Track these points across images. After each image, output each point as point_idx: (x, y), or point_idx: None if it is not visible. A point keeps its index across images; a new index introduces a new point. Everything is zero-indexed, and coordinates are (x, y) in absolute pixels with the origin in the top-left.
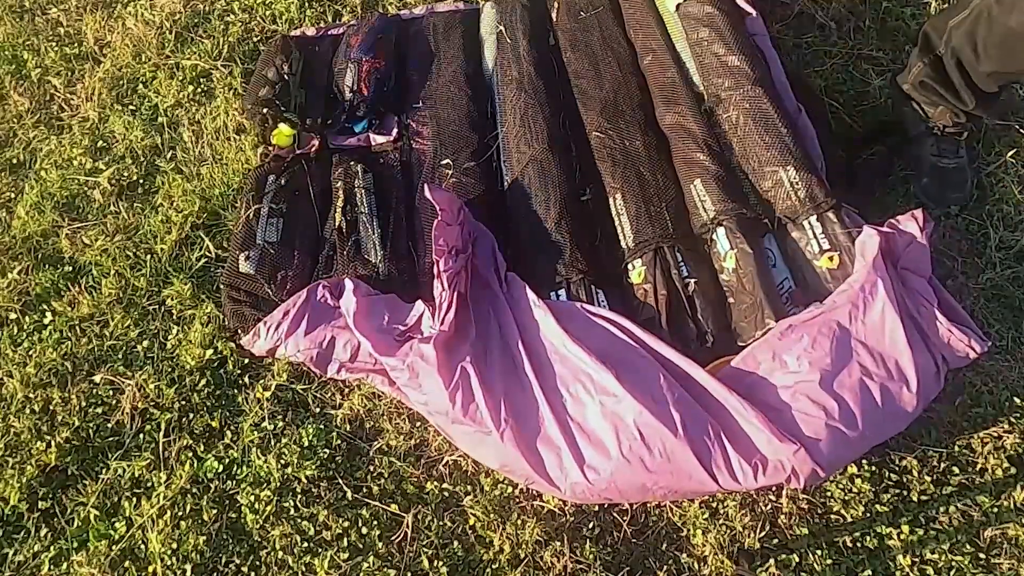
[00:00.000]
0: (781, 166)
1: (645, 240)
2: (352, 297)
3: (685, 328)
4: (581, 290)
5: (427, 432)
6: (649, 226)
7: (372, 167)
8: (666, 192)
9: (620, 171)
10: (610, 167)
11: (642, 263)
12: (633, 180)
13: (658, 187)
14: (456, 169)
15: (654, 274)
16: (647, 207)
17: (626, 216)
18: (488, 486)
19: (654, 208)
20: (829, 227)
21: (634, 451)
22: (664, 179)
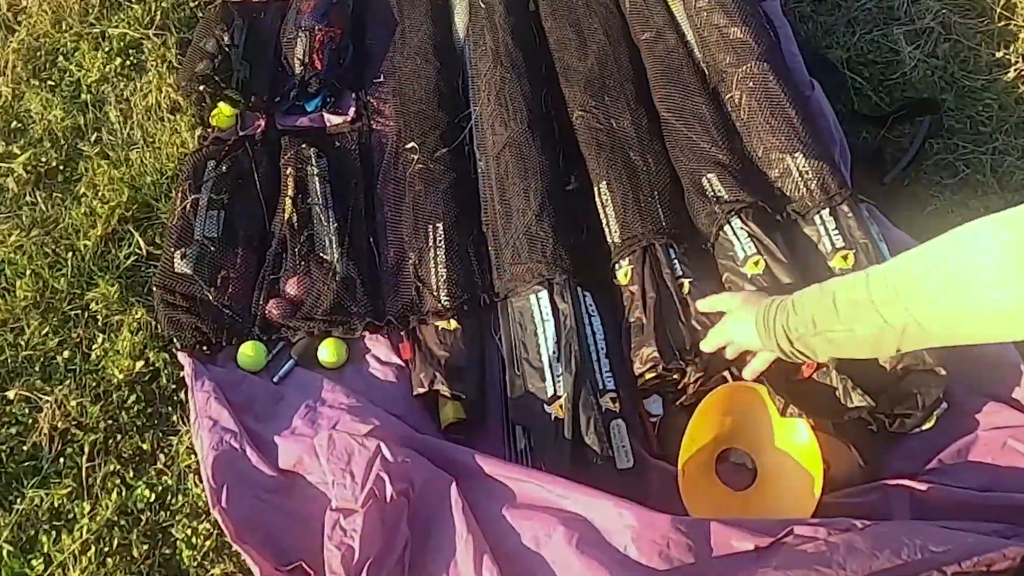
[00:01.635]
0: (788, 153)
1: (633, 236)
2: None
3: (676, 334)
4: (566, 292)
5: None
6: (638, 219)
7: (327, 151)
8: (658, 179)
9: (605, 156)
10: (594, 151)
11: (628, 262)
12: (619, 166)
13: (649, 174)
14: (423, 154)
15: (642, 274)
16: (635, 197)
17: (611, 208)
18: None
19: (643, 198)
20: (844, 222)
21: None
22: (656, 165)
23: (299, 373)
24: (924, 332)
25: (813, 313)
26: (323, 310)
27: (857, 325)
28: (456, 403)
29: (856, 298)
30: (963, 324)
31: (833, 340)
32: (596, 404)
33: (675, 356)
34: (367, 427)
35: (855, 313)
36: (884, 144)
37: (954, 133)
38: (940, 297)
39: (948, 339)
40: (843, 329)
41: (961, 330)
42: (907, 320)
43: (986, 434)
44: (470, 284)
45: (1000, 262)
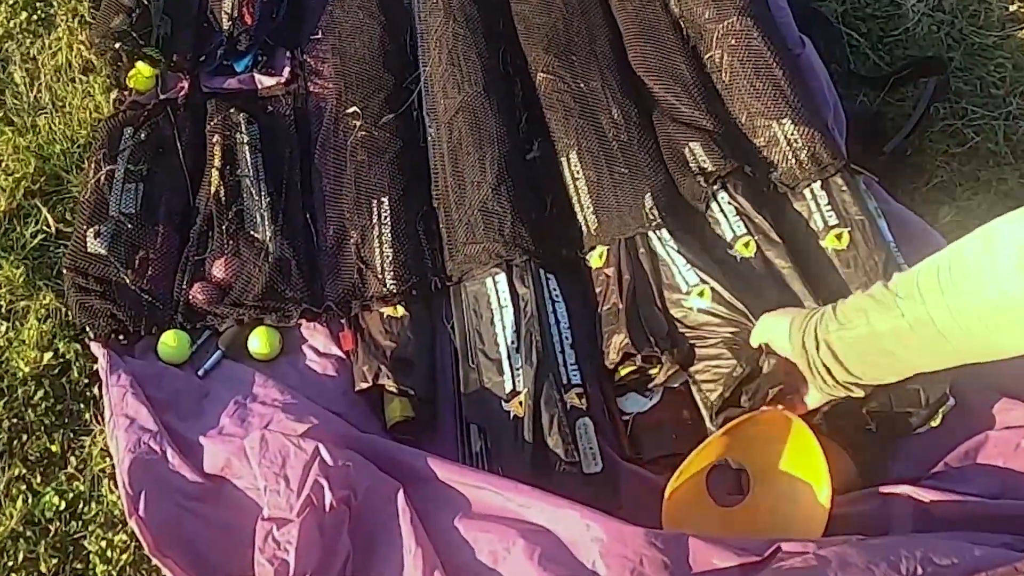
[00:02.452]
0: (775, 119)
1: (608, 216)
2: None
3: (652, 320)
4: (527, 275)
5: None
6: (615, 204)
7: (258, 117)
8: (637, 149)
9: (574, 122)
10: (561, 117)
11: (604, 244)
12: (590, 135)
13: (625, 143)
14: (366, 120)
15: (618, 255)
16: (611, 173)
17: (584, 182)
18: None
19: (619, 173)
20: (837, 196)
21: None
22: (633, 131)
23: (227, 366)
24: (939, 333)
25: (844, 309)
26: (254, 295)
27: (875, 315)
28: (403, 399)
29: (881, 291)
30: (979, 322)
31: (853, 340)
32: (560, 400)
33: (649, 344)
34: (304, 426)
35: (876, 304)
36: (884, 109)
37: (962, 96)
38: (958, 289)
39: (964, 340)
40: (863, 324)
41: (978, 330)
42: (922, 314)
43: (998, 434)
44: (419, 266)
45: (1019, 249)
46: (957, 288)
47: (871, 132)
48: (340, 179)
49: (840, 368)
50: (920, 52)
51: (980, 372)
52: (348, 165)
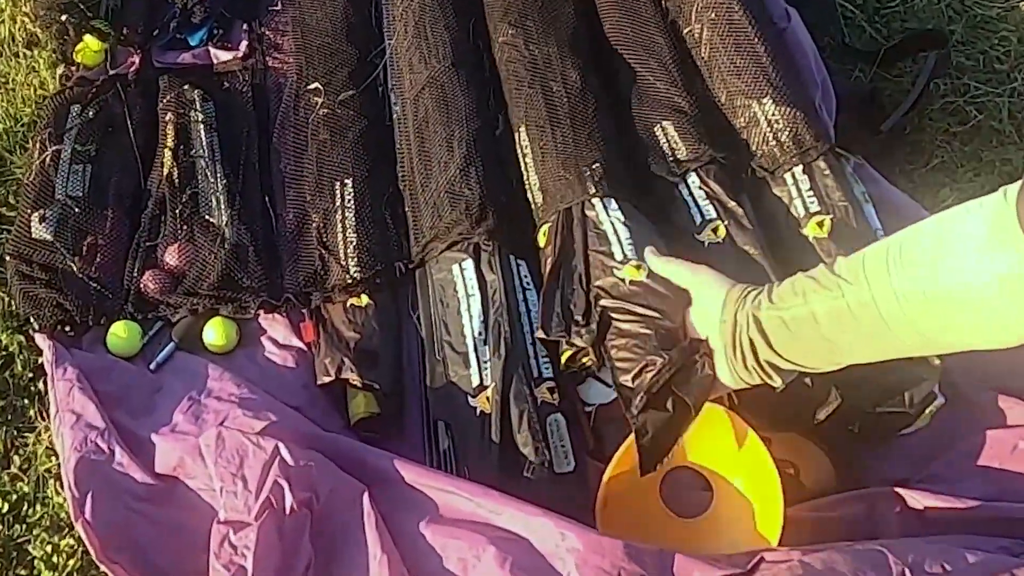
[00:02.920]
0: (755, 98)
1: (552, 190)
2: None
3: (567, 300)
4: (495, 260)
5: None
6: (557, 171)
7: (214, 94)
8: (584, 112)
9: (525, 93)
10: (514, 89)
11: (548, 222)
12: (539, 104)
13: (572, 107)
14: (328, 96)
15: (556, 231)
16: (557, 141)
17: (531, 157)
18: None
19: (561, 139)
20: (820, 181)
21: None
22: (580, 95)
23: (181, 359)
24: (881, 319)
25: (781, 291)
26: (209, 283)
27: (813, 297)
28: (368, 394)
29: (823, 272)
30: (927, 311)
31: (789, 320)
32: (530, 395)
33: (561, 324)
34: (262, 423)
35: (816, 286)
36: (880, 85)
37: (964, 71)
38: (907, 273)
39: (907, 330)
40: (799, 305)
41: (924, 319)
42: (865, 298)
43: (994, 434)
44: (385, 252)
45: (990, 227)
46: (908, 273)
47: (866, 110)
48: (301, 160)
49: (766, 348)
50: (919, 24)
51: (975, 368)
52: (309, 145)
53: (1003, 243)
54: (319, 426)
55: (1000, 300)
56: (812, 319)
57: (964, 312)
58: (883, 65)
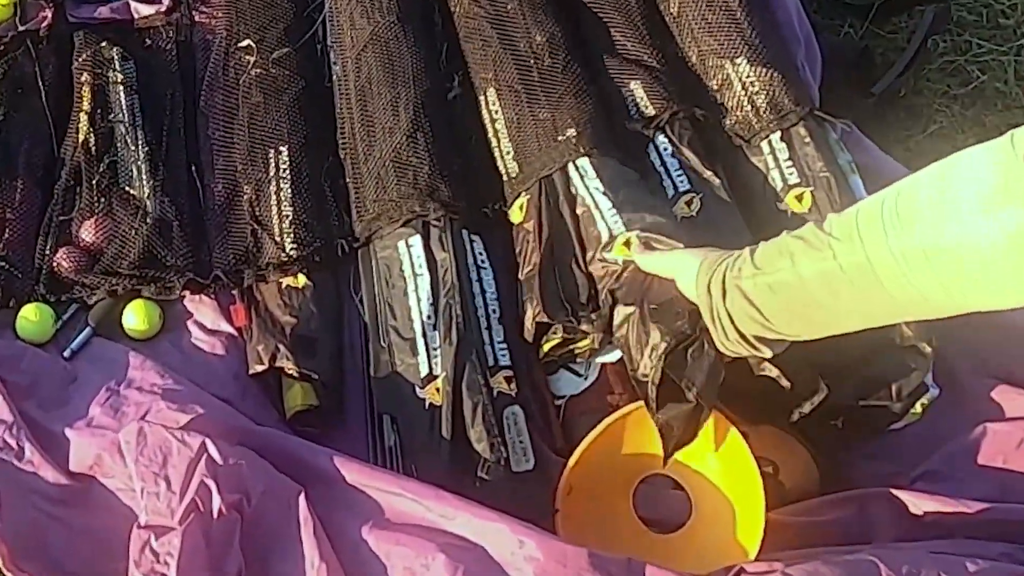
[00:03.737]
0: (728, 58)
1: (529, 159)
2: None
3: (568, 282)
4: (446, 236)
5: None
6: (536, 142)
7: (134, 52)
8: (561, 77)
9: (492, 52)
10: (478, 48)
11: (526, 193)
12: (509, 66)
13: (548, 71)
14: (261, 55)
15: (539, 205)
16: (532, 105)
17: (503, 123)
18: None
19: (542, 107)
20: (800, 150)
21: None
22: (559, 54)
23: (98, 345)
24: (877, 280)
25: (764, 252)
26: (129, 262)
27: (802, 259)
28: (306, 385)
29: (812, 231)
30: (927, 270)
31: (775, 285)
32: (484, 386)
33: (565, 310)
34: (188, 417)
35: (805, 247)
36: (873, 43)
37: (965, 27)
38: (906, 230)
39: (905, 291)
40: (786, 268)
41: (925, 280)
42: (859, 259)
43: (995, 428)
44: (324, 227)
45: (997, 179)
46: (906, 231)
47: (857, 70)
48: (231, 125)
49: (749, 320)
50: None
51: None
52: (240, 108)
53: (1012, 197)
54: (251, 420)
55: (1008, 259)
56: (800, 283)
57: (969, 272)
58: (876, 20)
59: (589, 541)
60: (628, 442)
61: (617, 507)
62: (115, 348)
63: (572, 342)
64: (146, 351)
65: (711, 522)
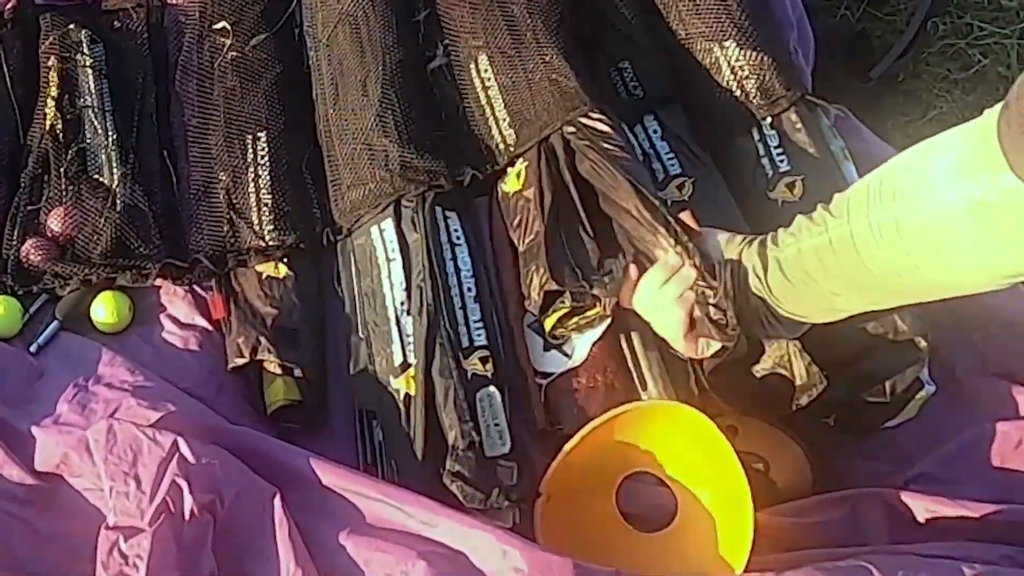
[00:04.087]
0: (716, 41)
1: (527, 123)
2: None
3: (577, 248)
4: (418, 217)
5: None
6: (530, 96)
7: (104, 35)
8: (557, 43)
9: (482, 16)
10: (467, 12)
11: (523, 159)
12: (501, 29)
13: (541, 35)
14: (237, 38)
15: (539, 171)
16: (527, 68)
17: (496, 90)
18: None
19: (538, 65)
20: (791, 136)
21: None
22: (553, 22)
23: (66, 339)
24: (856, 252)
25: (782, 232)
26: (100, 251)
27: (804, 234)
28: (288, 379)
29: (819, 211)
30: (898, 242)
31: (783, 262)
32: (456, 368)
33: (575, 275)
34: (159, 414)
35: (808, 224)
36: (870, 25)
37: (966, 9)
38: (885, 204)
39: (880, 264)
40: (792, 245)
41: (896, 254)
42: (844, 232)
43: (996, 426)
44: (305, 215)
45: (967, 152)
46: (885, 203)
47: (853, 54)
48: (206, 110)
49: (762, 290)
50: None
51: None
52: (216, 93)
53: (978, 165)
54: (225, 418)
55: (975, 231)
56: (799, 257)
57: (937, 245)
58: (873, 2)
59: (571, 541)
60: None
61: (600, 506)
62: (83, 342)
63: (581, 311)
64: (116, 346)
65: (697, 522)
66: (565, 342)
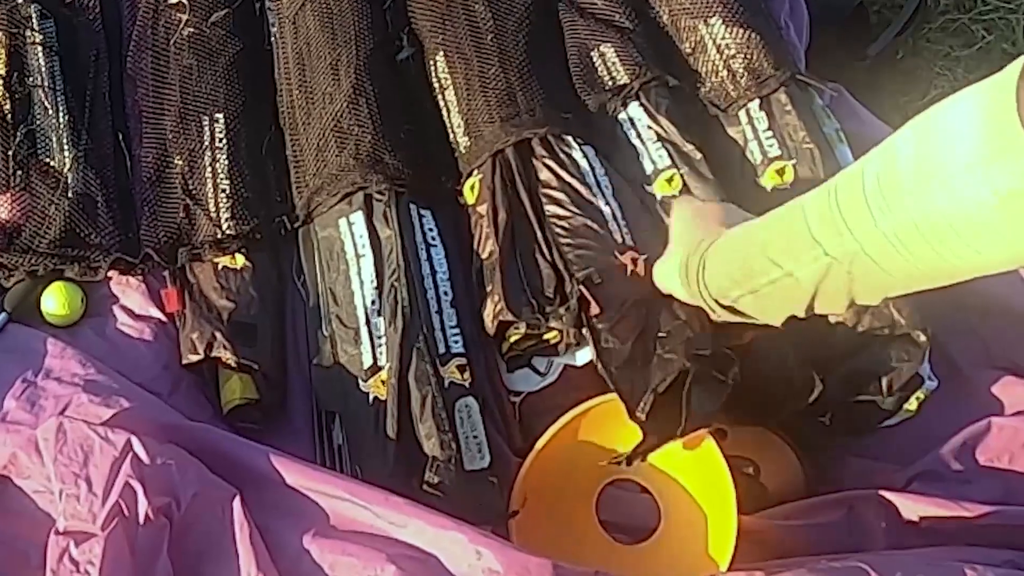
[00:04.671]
0: (701, 18)
1: (480, 132)
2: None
3: (532, 272)
4: (391, 210)
5: None
6: (487, 111)
7: (54, 10)
8: (516, 43)
9: (441, 12)
10: (427, 5)
11: (478, 172)
12: (461, 28)
13: (502, 35)
14: (195, 13)
15: (492, 185)
16: (483, 72)
17: (452, 91)
18: None
19: (495, 76)
20: (780, 119)
21: None
22: (514, 21)
23: (13, 332)
24: (877, 267)
25: (732, 261)
26: (50, 240)
27: (792, 265)
28: (245, 376)
29: (793, 229)
30: (921, 242)
31: (763, 296)
32: (434, 375)
33: (531, 306)
34: (112, 411)
35: (785, 255)
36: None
37: None
38: (893, 209)
39: (909, 271)
40: (769, 280)
41: (923, 254)
42: (852, 248)
43: (1001, 423)
44: (265, 203)
45: (983, 131)
46: (893, 208)
47: (849, 30)
48: (161, 90)
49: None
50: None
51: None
52: (171, 72)
53: (1002, 150)
54: (182, 415)
55: (1003, 219)
56: (797, 286)
57: (962, 238)
58: None
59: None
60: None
61: (579, 515)
62: (32, 335)
63: (538, 337)
64: (67, 338)
65: (681, 531)
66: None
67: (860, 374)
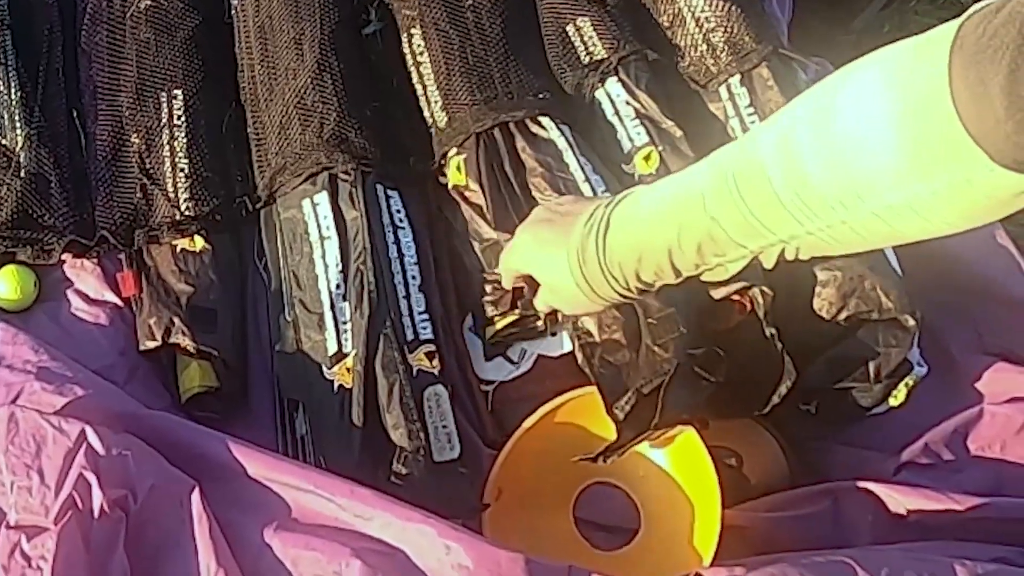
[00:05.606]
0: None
1: (460, 108)
2: None
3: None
4: (357, 191)
5: None
6: (467, 89)
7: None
8: (496, 24)
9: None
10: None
11: (460, 151)
12: (439, 2)
13: (485, 15)
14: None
15: (478, 164)
16: (463, 47)
17: (428, 66)
18: None
19: (475, 53)
20: (762, 95)
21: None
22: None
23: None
24: (813, 247)
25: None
26: (1, 222)
27: (727, 261)
28: (204, 363)
29: (702, 230)
30: (861, 232)
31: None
32: (402, 362)
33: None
34: (65, 399)
35: (711, 250)
36: None
37: None
38: (821, 215)
39: (847, 246)
40: (705, 268)
41: (864, 236)
42: (782, 240)
43: (993, 410)
44: (226, 183)
45: (904, 146)
46: (819, 214)
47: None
48: (117, 66)
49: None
50: None
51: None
52: (128, 46)
53: (934, 162)
54: (139, 403)
55: (947, 204)
56: (727, 272)
57: (908, 220)
58: None
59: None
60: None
61: (555, 518)
62: None
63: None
64: (19, 324)
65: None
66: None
67: (846, 360)
